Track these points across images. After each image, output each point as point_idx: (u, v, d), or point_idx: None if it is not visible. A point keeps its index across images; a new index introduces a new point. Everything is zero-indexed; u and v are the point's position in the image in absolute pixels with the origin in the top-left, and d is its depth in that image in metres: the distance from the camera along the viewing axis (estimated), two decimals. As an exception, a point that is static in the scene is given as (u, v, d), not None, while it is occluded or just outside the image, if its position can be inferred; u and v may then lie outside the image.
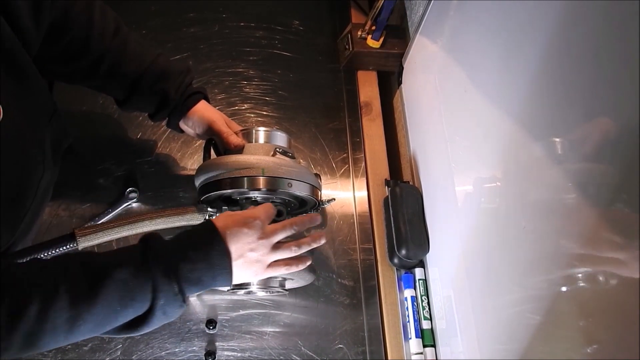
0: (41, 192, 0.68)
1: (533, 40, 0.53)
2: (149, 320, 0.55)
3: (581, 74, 0.44)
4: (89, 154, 0.92)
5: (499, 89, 0.61)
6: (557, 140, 0.48)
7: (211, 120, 0.77)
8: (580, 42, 0.45)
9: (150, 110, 0.78)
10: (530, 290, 0.52)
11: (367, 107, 1.05)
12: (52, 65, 0.69)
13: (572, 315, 0.45)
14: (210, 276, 0.58)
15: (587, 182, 0.43)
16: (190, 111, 0.77)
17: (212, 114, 0.78)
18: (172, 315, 0.56)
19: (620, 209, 0.39)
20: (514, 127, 0.56)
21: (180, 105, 0.76)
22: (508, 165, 0.58)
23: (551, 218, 0.49)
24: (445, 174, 0.78)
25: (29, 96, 0.61)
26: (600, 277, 0.41)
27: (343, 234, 0.91)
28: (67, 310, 0.49)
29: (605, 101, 0.41)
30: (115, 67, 0.71)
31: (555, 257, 0.48)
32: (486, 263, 0.63)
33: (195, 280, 0.56)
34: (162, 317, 0.55)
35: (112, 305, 0.51)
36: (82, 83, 0.74)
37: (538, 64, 0.52)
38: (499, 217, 0.60)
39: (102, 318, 0.51)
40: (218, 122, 0.77)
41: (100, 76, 0.71)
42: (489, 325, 0.61)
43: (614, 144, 0.40)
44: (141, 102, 0.77)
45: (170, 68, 0.75)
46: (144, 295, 0.53)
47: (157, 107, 0.76)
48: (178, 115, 0.77)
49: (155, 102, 0.76)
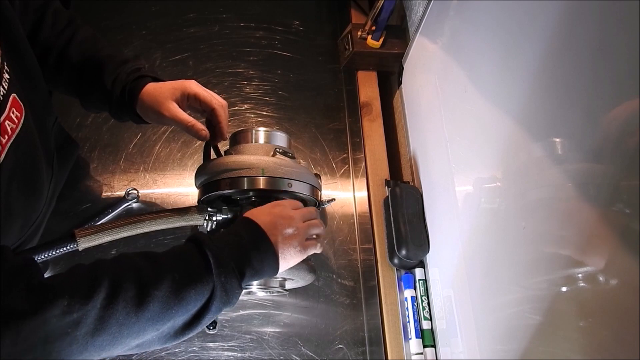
0: (50, 194, 0.69)
1: (533, 40, 0.53)
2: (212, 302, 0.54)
3: (581, 73, 0.44)
4: (89, 154, 0.93)
5: (499, 89, 0.61)
6: (557, 140, 0.48)
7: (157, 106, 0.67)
8: (580, 41, 0.45)
9: (105, 109, 0.72)
10: (530, 290, 0.52)
11: (367, 107, 1.05)
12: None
13: (572, 315, 0.45)
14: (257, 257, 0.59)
15: (587, 182, 0.43)
16: (138, 101, 0.68)
17: (157, 98, 0.67)
18: (232, 296, 0.56)
19: (620, 209, 0.39)
20: (514, 127, 0.56)
21: (118, 97, 0.69)
22: (508, 165, 0.58)
23: (551, 218, 0.49)
24: (445, 174, 0.78)
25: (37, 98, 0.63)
26: (600, 277, 0.41)
27: (343, 234, 0.91)
28: (134, 287, 0.49)
29: (605, 101, 0.41)
30: (60, 59, 0.68)
31: (555, 257, 0.48)
32: (486, 263, 0.63)
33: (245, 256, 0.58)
34: (224, 297, 0.55)
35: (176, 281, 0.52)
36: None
37: (538, 64, 0.52)
38: (499, 217, 0.60)
39: (168, 295, 0.51)
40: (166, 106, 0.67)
41: (50, 68, 0.68)
42: (489, 325, 0.61)
43: (614, 144, 0.40)
44: (91, 100, 0.72)
45: (107, 59, 0.69)
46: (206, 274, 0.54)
47: (107, 104, 0.70)
48: (124, 110, 0.70)
49: (101, 98, 0.70)
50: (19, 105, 0.55)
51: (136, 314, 0.49)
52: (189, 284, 0.52)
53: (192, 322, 0.54)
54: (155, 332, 0.51)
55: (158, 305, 0.50)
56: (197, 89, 0.69)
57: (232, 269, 0.56)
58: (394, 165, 1.02)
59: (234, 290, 0.56)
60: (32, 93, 0.60)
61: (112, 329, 0.47)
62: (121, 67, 0.69)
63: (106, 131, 0.95)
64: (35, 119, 0.59)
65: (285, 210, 0.66)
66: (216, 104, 0.70)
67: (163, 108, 0.67)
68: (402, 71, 1.05)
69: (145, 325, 0.50)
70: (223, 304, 0.55)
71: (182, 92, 0.68)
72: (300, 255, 0.65)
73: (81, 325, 0.45)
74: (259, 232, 0.61)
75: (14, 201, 0.56)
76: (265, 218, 0.63)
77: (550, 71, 0.49)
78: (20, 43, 0.57)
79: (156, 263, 0.53)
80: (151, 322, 0.50)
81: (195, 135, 0.69)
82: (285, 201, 0.69)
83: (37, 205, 0.65)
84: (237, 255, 0.57)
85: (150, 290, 0.50)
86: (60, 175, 0.75)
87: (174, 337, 0.54)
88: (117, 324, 0.47)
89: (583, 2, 0.44)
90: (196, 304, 0.53)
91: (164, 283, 0.51)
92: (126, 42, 1.07)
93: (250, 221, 0.62)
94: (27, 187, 0.60)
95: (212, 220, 0.72)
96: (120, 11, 1.11)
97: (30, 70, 0.61)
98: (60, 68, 0.69)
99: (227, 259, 0.56)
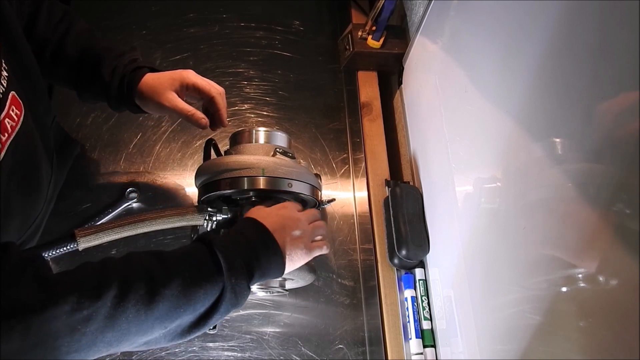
0: (50, 193, 0.69)
1: (533, 40, 0.53)
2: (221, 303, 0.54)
3: (581, 73, 0.44)
4: (89, 154, 0.93)
5: (499, 89, 0.61)
6: (557, 140, 0.48)
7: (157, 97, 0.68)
8: (580, 41, 0.45)
9: (103, 100, 0.72)
10: (530, 290, 0.52)
11: (368, 107, 1.05)
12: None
13: (572, 315, 0.45)
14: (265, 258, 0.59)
15: (587, 182, 0.43)
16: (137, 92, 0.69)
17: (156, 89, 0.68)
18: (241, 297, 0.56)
19: (620, 209, 0.39)
20: (514, 127, 0.56)
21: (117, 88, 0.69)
22: (508, 165, 0.58)
23: (551, 218, 0.49)
24: (445, 174, 0.78)
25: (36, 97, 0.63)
26: (600, 277, 0.41)
27: (343, 234, 0.91)
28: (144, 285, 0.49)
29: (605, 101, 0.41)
30: (57, 53, 0.68)
31: (555, 257, 0.48)
32: (486, 263, 0.63)
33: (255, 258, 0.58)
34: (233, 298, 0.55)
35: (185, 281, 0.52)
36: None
37: (538, 64, 0.52)
38: (499, 217, 0.60)
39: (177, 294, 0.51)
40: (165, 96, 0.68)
41: (46, 62, 0.68)
42: (489, 325, 0.61)
43: (614, 144, 0.40)
44: (89, 92, 0.73)
45: (104, 52, 0.70)
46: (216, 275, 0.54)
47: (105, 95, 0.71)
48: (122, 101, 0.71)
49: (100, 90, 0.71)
50: (18, 103, 0.55)
51: (146, 312, 0.49)
52: (198, 283, 0.52)
53: (199, 322, 0.54)
54: (162, 330, 0.51)
55: (168, 304, 0.50)
56: (195, 78, 0.71)
57: (243, 271, 0.56)
58: (394, 165, 1.02)
59: (243, 291, 0.56)
60: (30, 91, 0.60)
61: (122, 326, 0.47)
62: (119, 59, 0.70)
63: (106, 131, 0.95)
64: (34, 118, 0.59)
65: (292, 212, 0.66)
66: (214, 92, 0.72)
67: (163, 98, 0.68)
68: (402, 71, 1.05)
69: (153, 324, 0.50)
70: (232, 305, 0.55)
71: (181, 82, 0.70)
72: (306, 257, 0.65)
73: (91, 322, 0.45)
74: (267, 235, 0.61)
75: (14, 200, 0.56)
76: (273, 219, 0.63)
77: (550, 71, 0.49)
78: (18, 41, 0.57)
79: (166, 262, 0.53)
80: (160, 321, 0.50)
81: (196, 123, 0.71)
82: (289, 203, 0.69)
83: (37, 204, 0.65)
84: (247, 257, 0.57)
85: (160, 289, 0.50)
86: (59, 174, 0.75)
87: (180, 336, 0.54)
88: (127, 322, 0.48)
89: (583, 2, 0.44)
90: (205, 304, 0.53)
91: (174, 282, 0.51)
92: (126, 42, 1.06)
93: (258, 223, 0.62)
94: (26, 185, 0.60)
95: (212, 220, 0.72)
96: (120, 11, 1.11)
97: (28, 69, 0.61)
98: (57, 62, 0.69)
99: (238, 261, 0.56)
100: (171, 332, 0.53)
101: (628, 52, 0.38)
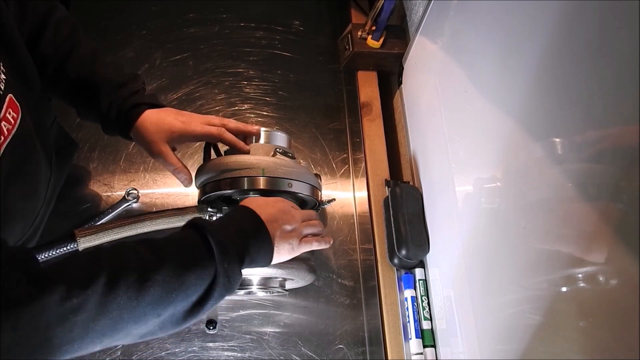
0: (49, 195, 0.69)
1: (533, 40, 0.53)
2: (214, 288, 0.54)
3: (581, 73, 0.44)
4: (89, 154, 0.93)
5: (499, 89, 0.61)
6: (557, 140, 0.48)
7: (149, 145, 0.68)
8: (580, 42, 0.45)
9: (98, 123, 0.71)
10: (530, 290, 0.52)
11: (367, 107, 1.05)
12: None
13: (572, 315, 0.45)
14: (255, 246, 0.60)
15: (587, 182, 0.43)
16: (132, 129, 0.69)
17: (152, 136, 0.68)
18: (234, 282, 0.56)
19: (620, 209, 0.39)
20: (514, 127, 0.56)
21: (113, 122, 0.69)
22: (508, 165, 0.58)
23: (551, 218, 0.49)
24: (445, 174, 0.78)
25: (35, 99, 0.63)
26: (600, 277, 0.41)
27: (343, 234, 0.91)
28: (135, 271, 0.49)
29: (605, 101, 0.41)
30: (58, 74, 0.68)
31: (555, 257, 0.48)
32: (486, 263, 0.63)
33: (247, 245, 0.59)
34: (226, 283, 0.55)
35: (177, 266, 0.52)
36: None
37: (538, 64, 0.52)
38: (499, 217, 0.60)
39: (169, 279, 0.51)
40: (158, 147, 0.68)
41: (48, 79, 0.68)
42: (489, 325, 0.61)
43: (614, 144, 0.40)
44: (87, 117, 0.72)
45: (104, 82, 0.68)
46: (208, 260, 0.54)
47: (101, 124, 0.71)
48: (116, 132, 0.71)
49: (96, 118, 0.70)
50: (15, 106, 0.55)
51: (137, 298, 0.48)
52: (190, 268, 0.52)
53: (193, 309, 0.54)
54: (156, 319, 0.51)
55: (159, 289, 0.50)
56: (199, 131, 0.70)
57: (235, 255, 0.56)
58: (394, 165, 1.02)
59: (235, 276, 0.56)
60: (29, 94, 0.60)
61: (114, 314, 0.47)
62: (118, 92, 0.68)
63: (106, 131, 0.95)
64: (33, 120, 0.59)
65: (288, 207, 0.68)
66: (217, 133, 0.71)
67: (154, 148, 0.68)
68: (402, 71, 1.05)
69: (145, 310, 0.49)
70: (225, 289, 0.55)
71: (181, 136, 0.69)
72: (292, 253, 0.66)
73: (82, 310, 0.45)
74: (260, 224, 0.62)
75: (12, 202, 0.56)
76: (268, 211, 0.64)
77: (550, 71, 0.49)
78: (16, 44, 0.57)
79: (157, 248, 0.53)
80: (152, 307, 0.50)
81: (179, 179, 0.73)
82: (288, 200, 0.70)
83: (36, 205, 0.65)
84: (239, 242, 0.58)
85: (151, 275, 0.50)
86: (59, 175, 0.75)
87: (176, 324, 0.53)
88: (119, 309, 0.47)
89: (583, 2, 0.44)
90: (197, 289, 0.53)
91: (165, 267, 0.51)
92: (126, 42, 1.06)
93: (253, 212, 0.63)
94: (25, 187, 0.60)
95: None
96: (120, 11, 1.11)
97: (26, 71, 0.61)
98: (58, 82, 0.68)
99: (230, 246, 0.56)
100: (166, 321, 0.52)
101: (628, 52, 0.38)
